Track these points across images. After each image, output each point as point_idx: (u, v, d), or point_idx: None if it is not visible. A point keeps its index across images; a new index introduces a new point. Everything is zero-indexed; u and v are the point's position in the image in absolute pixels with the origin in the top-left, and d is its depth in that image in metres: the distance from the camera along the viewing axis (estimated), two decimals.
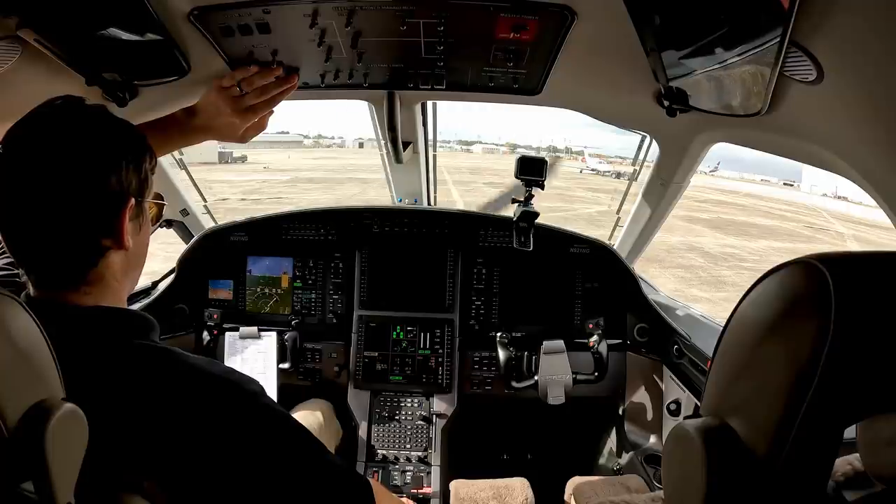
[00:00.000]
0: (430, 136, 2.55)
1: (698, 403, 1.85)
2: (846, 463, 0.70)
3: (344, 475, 0.96)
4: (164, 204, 1.03)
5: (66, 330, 0.80)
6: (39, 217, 0.82)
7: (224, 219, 2.59)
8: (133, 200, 0.89)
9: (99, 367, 0.81)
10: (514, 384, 2.17)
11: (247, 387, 0.88)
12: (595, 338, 2.18)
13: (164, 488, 0.79)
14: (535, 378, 2.11)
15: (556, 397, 2.08)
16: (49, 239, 0.84)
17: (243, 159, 41.92)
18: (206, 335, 2.25)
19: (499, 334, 2.24)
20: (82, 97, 0.90)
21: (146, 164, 0.93)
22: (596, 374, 2.16)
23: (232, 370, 0.91)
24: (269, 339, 2.20)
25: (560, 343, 2.14)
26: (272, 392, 2.16)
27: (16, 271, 1.05)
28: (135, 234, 0.91)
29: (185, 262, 2.35)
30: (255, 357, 2.21)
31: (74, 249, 0.85)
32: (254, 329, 2.21)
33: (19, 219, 0.83)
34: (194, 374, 0.86)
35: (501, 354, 2.18)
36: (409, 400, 2.30)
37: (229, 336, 2.23)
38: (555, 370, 2.10)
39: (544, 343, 2.13)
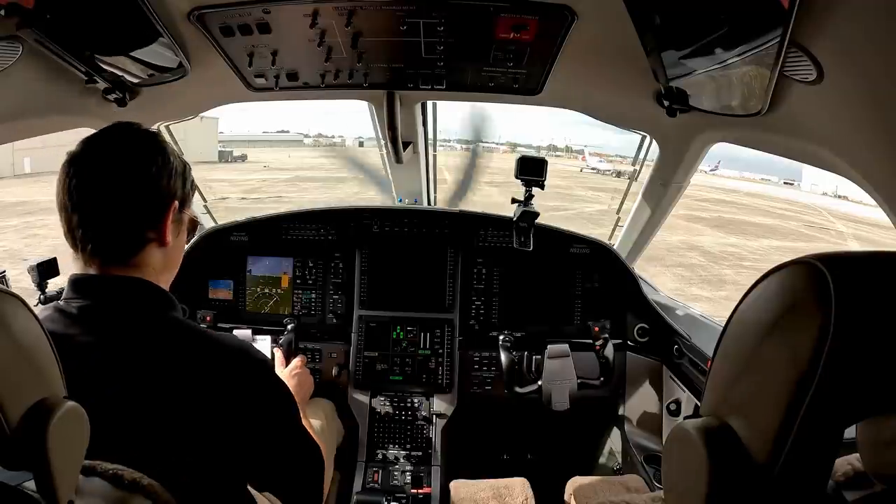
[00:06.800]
0: (430, 136, 2.55)
1: (698, 403, 1.85)
2: (846, 463, 0.70)
3: (311, 440, 1.20)
4: (199, 223, 1.20)
5: (113, 295, 0.99)
6: (108, 205, 0.99)
7: (224, 218, 2.59)
8: (177, 203, 1.06)
9: (138, 331, 0.97)
10: (518, 389, 2.10)
11: (256, 356, 1.07)
12: (601, 341, 2.13)
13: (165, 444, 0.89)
14: (539, 383, 2.05)
15: (560, 403, 2.01)
16: (111, 223, 1.00)
17: (243, 158, 41.85)
18: None
19: (501, 338, 2.22)
20: (139, 123, 1.09)
21: (189, 180, 1.12)
22: (602, 378, 2.11)
23: (245, 342, 1.08)
24: (264, 343, 2.16)
25: (565, 347, 2.08)
26: None
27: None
28: (173, 236, 1.07)
29: (185, 261, 2.34)
30: None
31: (126, 234, 1.01)
32: (248, 332, 2.18)
33: (91, 206, 0.99)
34: (215, 345, 1.03)
35: (504, 358, 2.14)
36: (409, 400, 2.30)
37: None
38: (559, 375, 2.04)
39: (548, 347, 2.08)
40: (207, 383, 0.97)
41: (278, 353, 2.02)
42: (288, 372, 1.87)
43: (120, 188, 0.99)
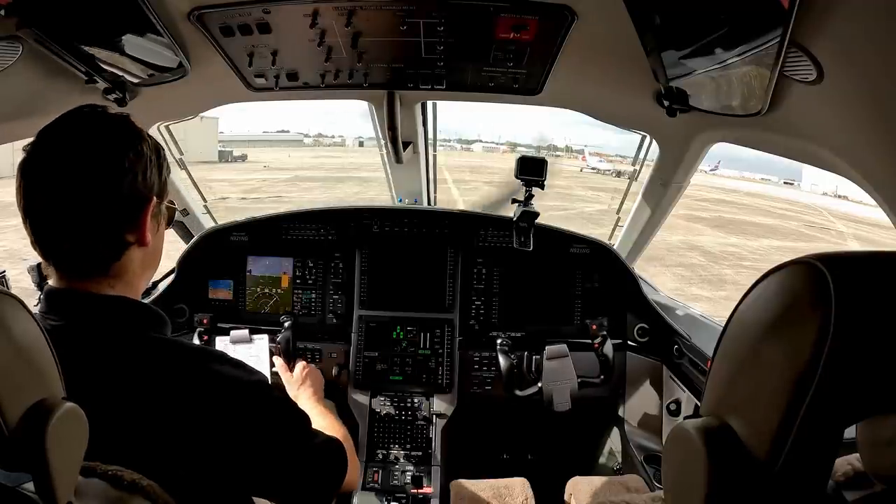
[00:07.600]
0: (430, 136, 2.55)
1: (698, 403, 1.85)
2: (846, 463, 0.70)
3: (329, 445, 1.09)
4: (175, 209, 1.09)
5: (90, 317, 0.89)
6: (73, 210, 0.87)
7: (224, 218, 2.59)
8: (155, 199, 0.96)
9: (116, 355, 0.88)
10: (518, 392, 2.11)
11: (250, 378, 0.97)
12: (599, 339, 2.14)
13: (165, 474, 0.82)
14: (539, 385, 2.06)
15: (561, 403, 2.02)
16: (80, 230, 0.88)
17: (243, 158, 41.81)
18: (196, 340, 2.20)
19: (499, 341, 2.22)
20: (105, 106, 0.96)
21: (165, 168, 1.00)
22: (602, 376, 2.11)
23: (238, 362, 0.99)
24: (262, 342, 2.16)
25: (563, 347, 2.08)
26: None
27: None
28: (153, 233, 0.97)
29: (185, 261, 2.35)
30: (248, 360, 2.15)
31: (102, 241, 0.91)
32: (245, 332, 2.16)
33: (54, 212, 0.88)
34: (203, 366, 0.93)
35: (503, 362, 2.15)
36: (409, 400, 2.29)
37: (220, 341, 2.18)
38: (559, 376, 2.04)
39: (547, 348, 2.08)
40: (191, 405, 0.88)
41: (279, 361, 2.02)
42: (300, 375, 1.87)
43: (89, 188, 0.87)
